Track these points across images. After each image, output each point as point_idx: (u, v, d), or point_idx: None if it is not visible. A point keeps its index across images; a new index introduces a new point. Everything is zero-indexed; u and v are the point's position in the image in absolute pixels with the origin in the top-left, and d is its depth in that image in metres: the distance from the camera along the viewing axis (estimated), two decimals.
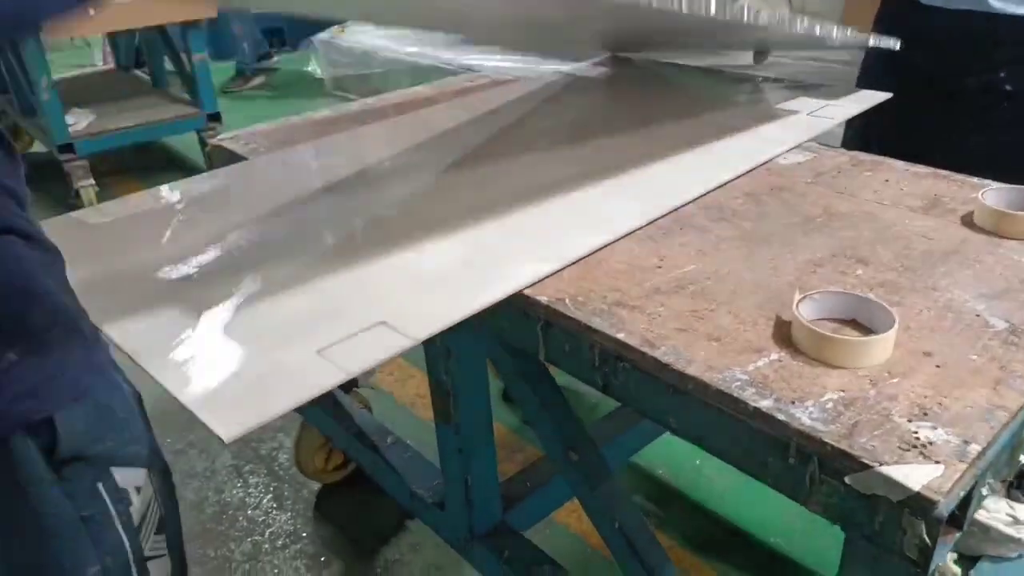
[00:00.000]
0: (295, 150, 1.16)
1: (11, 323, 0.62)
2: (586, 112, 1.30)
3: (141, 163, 3.65)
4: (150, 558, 0.80)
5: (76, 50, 5.23)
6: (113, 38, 3.96)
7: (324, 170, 1.09)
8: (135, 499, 0.76)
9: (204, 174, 1.08)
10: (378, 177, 1.05)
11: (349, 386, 1.60)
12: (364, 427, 1.41)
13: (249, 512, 1.63)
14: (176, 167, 3.65)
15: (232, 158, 1.18)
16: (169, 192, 1.01)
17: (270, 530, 1.58)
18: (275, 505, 1.65)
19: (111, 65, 4.07)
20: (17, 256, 0.64)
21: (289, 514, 1.62)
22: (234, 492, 1.68)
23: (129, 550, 0.76)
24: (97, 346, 0.72)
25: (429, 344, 0.69)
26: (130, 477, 0.76)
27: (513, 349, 0.97)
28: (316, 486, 1.69)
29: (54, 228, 0.93)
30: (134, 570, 0.78)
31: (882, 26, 1.35)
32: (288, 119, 1.34)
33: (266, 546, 1.54)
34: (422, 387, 1.99)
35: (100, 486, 0.72)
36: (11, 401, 0.63)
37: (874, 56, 1.37)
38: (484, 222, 0.91)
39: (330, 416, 1.47)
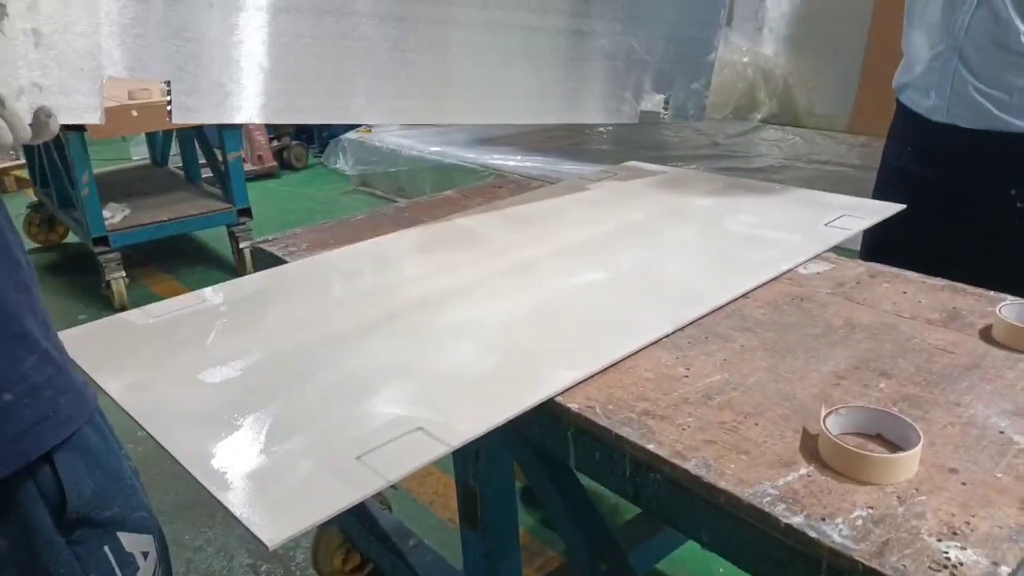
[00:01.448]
0: (332, 254, 1.21)
1: (5, 366, 0.65)
2: (609, 216, 1.35)
3: (169, 254, 3.74)
4: None
5: (113, 144, 5.44)
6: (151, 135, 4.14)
7: (359, 275, 1.13)
8: (141, 564, 0.78)
9: (244, 278, 1.12)
10: (411, 282, 1.09)
11: None
12: (386, 529, 1.40)
13: None
14: (203, 259, 3.74)
15: (271, 260, 1.23)
16: (212, 295, 1.06)
17: None
18: None
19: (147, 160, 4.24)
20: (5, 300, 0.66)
21: None
22: None
23: None
24: (86, 393, 0.75)
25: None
26: (136, 542, 0.77)
27: (542, 454, 0.98)
28: None
29: (103, 329, 0.98)
30: None
31: (895, 139, 1.41)
32: (324, 222, 1.40)
33: None
34: (440, 485, 1.98)
35: (107, 549, 0.74)
36: (10, 440, 0.65)
37: (888, 168, 1.42)
38: (515, 327, 0.95)
39: (351, 516, 1.47)
